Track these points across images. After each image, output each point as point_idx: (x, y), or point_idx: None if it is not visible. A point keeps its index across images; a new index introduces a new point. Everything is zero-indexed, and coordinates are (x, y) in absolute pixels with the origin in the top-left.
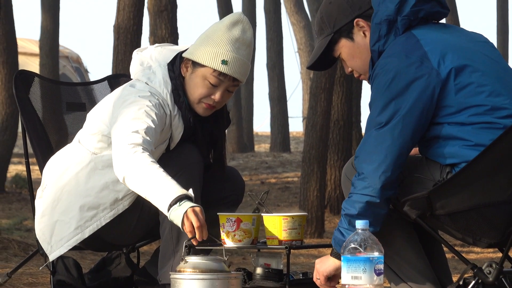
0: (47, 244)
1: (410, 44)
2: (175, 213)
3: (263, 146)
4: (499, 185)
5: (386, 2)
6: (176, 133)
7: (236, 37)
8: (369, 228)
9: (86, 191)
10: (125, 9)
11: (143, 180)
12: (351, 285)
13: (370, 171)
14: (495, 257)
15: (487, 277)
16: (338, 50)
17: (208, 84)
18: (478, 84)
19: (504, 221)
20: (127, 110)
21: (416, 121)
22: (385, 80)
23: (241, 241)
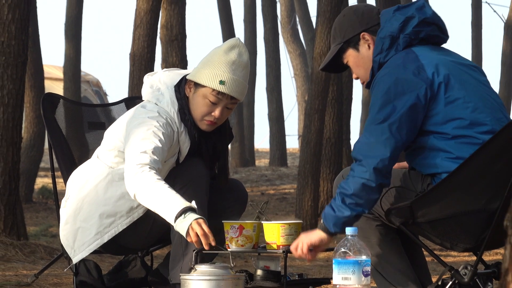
0: (71, 249)
1: (408, 57)
2: (181, 225)
3: (263, 161)
4: (474, 196)
5: (392, 20)
6: (184, 148)
7: (233, 60)
8: (359, 209)
9: (104, 200)
10: (140, 39)
11: (150, 196)
12: (342, 285)
13: (368, 158)
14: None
15: (463, 278)
16: (346, 58)
17: (208, 103)
18: (464, 100)
19: (479, 228)
20: (138, 131)
21: (411, 122)
22: (384, 86)
23: (244, 246)
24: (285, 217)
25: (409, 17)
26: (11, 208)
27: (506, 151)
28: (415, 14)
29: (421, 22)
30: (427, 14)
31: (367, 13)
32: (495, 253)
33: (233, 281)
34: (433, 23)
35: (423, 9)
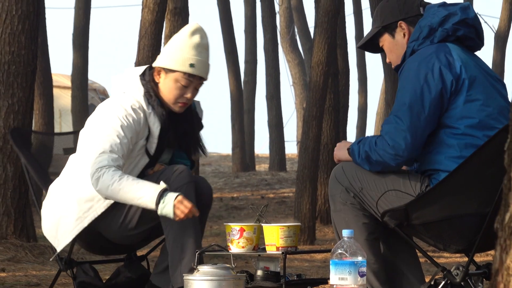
0: (54, 239)
1: (442, 50)
2: (165, 210)
3: (263, 166)
4: (467, 200)
5: (436, 13)
6: (154, 128)
7: (198, 43)
8: (365, 165)
9: (80, 186)
10: (145, 49)
11: (122, 195)
12: (338, 285)
13: (396, 144)
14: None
15: (455, 278)
16: (381, 42)
17: (180, 86)
18: (483, 103)
19: (471, 231)
20: (97, 129)
21: (435, 112)
22: (414, 73)
23: (244, 247)
24: (284, 219)
25: (452, 13)
26: (21, 211)
27: (498, 157)
28: (458, 12)
29: (461, 21)
30: (469, 15)
31: (408, 3)
32: (486, 254)
33: (234, 281)
34: (473, 25)
35: (466, 10)
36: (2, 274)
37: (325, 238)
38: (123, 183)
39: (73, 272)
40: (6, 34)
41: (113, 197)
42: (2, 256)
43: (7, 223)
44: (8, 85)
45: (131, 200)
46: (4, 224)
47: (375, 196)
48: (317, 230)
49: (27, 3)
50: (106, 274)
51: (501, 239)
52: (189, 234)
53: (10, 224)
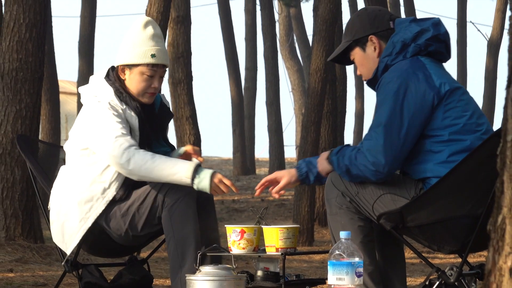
0: (63, 243)
1: (416, 65)
2: (201, 185)
3: (263, 169)
4: (460, 202)
5: (408, 28)
6: (133, 123)
7: (152, 34)
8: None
9: (78, 189)
10: None
11: (156, 173)
12: (336, 285)
13: (376, 160)
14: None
15: (449, 278)
16: (352, 55)
17: (146, 78)
18: (462, 109)
19: (464, 232)
20: (95, 123)
21: (416, 127)
22: (393, 89)
23: (245, 249)
24: (283, 221)
25: (424, 29)
26: (28, 213)
27: (489, 161)
28: (431, 28)
29: (434, 37)
30: (441, 31)
31: (379, 18)
32: (479, 255)
33: (235, 281)
34: (444, 41)
35: (438, 26)
36: (10, 275)
37: (323, 240)
38: (157, 161)
39: (79, 273)
40: (14, 41)
41: (146, 176)
42: (10, 257)
43: (15, 225)
44: (16, 91)
45: (166, 177)
46: (12, 226)
47: (371, 199)
48: (316, 232)
49: (34, 11)
50: (109, 276)
51: (494, 240)
52: (190, 243)
53: (18, 226)
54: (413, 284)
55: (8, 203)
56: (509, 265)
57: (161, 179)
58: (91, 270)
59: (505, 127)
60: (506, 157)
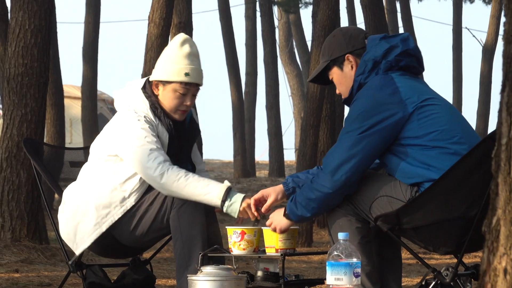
0: (73, 243)
1: (386, 80)
2: (231, 209)
3: (263, 172)
4: (454, 204)
5: (378, 46)
6: (164, 138)
7: (188, 52)
8: (317, 212)
9: (99, 193)
10: (151, 61)
11: (187, 191)
12: (334, 285)
13: (335, 170)
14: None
15: (445, 278)
16: (331, 74)
17: (179, 95)
18: (439, 114)
19: (459, 233)
20: (129, 134)
21: (381, 140)
22: (361, 104)
23: (245, 250)
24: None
25: (393, 46)
26: (33, 215)
27: (483, 163)
28: (399, 44)
29: (403, 52)
30: (409, 46)
31: (354, 37)
32: (474, 256)
33: (235, 281)
34: (414, 55)
35: (407, 41)
36: (16, 275)
37: (321, 241)
38: (190, 179)
39: (83, 273)
40: (20, 47)
41: (176, 192)
42: (16, 257)
43: (21, 226)
44: (22, 96)
45: (196, 196)
46: (17, 227)
47: (368, 202)
48: (314, 233)
49: (39, 18)
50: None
51: (489, 241)
52: (196, 243)
53: (23, 227)
54: (410, 284)
55: (14, 205)
56: (503, 266)
57: (191, 197)
58: (95, 270)
59: (499, 131)
60: (501, 160)
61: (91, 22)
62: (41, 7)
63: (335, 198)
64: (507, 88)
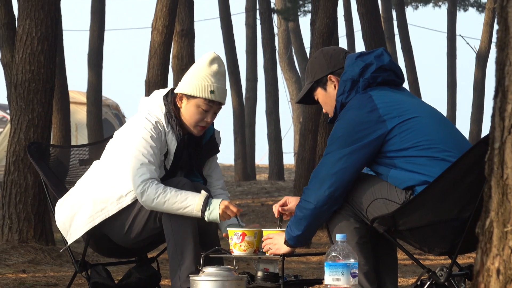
0: (67, 232)
1: (364, 100)
2: (211, 217)
3: (263, 175)
4: (448, 206)
5: (354, 65)
6: (171, 147)
7: (216, 71)
8: (308, 229)
9: (98, 187)
10: (154, 68)
11: (166, 206)
12: (332, 285)
13: (320, 187)
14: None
15: (439, 278)
16: (316, 95)
17: (201, 111)
18: (418, 128)
19: (452, 235)
20: (132, 141)
21: (362, 157)
22: (342, 124)
23: (246, 251)
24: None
25: (368, 64)
26: (40, 217)
27: (476, 166)
28: (374, 61)
29: (378, 68)
30: (384, 62)
31: (334, 57)
32: (467, 256)
33: (236, 281)
34: (390, 69)
35: (381, 57)
36: (23, 275)
37: (320, 242)
38: (167, 195)
39: (88, 274)
40: (27, 54)
41: (158, 209)
42: (23, 258)
43: (28, 228)
44: (29, 101)
45: (176, 210)
46: (24, 229)
47: (365, 204)
48: None
49: (46, 25)
50: (118, 275)
51: (482, 243)
52: (188, 243)
53: (30, 229)
54: (406, 284)
55: (21, 207)
56: (496, 266)
57: (171, 211)
58: (99, 270)
59: (492, 135)
60: (494, 164)
61: (96, 30)
62: (47, 15)
63: (322, 213)
64: (500, 94)
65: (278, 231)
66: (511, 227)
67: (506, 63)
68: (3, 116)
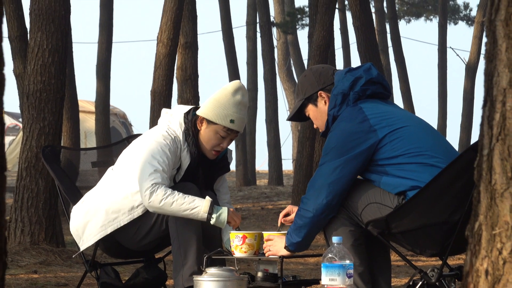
0: (79, 239)
1: (355, 111)
2: (220, 219)
3: (263, 181)
4: (439, 210)
5: (344, 80)
6: (184, 163)
7: (239, 101)
8: (307, 235)
9: (112, 197)
10: (159, 78)
11: (173, 207)
12: (329, 285)
13: (317, 196)
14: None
15: (431, 279)
16: (307, 111)
17: (219, 137)
18: (407, 136)
19: (443, 237)
20: (148, 149)
21: (355, 166)
22: (334, 136)
23: (246, 252)
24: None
25: (358, 78)
26: (51, 220)
27: (465, 172)
28: (363, 75)
29: (367, 82)
30: (372, 75)
31: (324, 74)
32: (457, 258)
33: (237, 281)
34: (378, 82)
35: (369, 71)
36: (34, 276)
37: (317, 244)
38: (176, 197)
39: (97, 273)
40: (38, 65)
41: (164, 210)
42: (35, 259)
43: (39, 230)
44: (40, 110)
45: (183, 211)
46: (36, 232)
47: (359, 208)
48: None
49: (56, 38)
50: (126, 275)
51: (471, 245)
52: (192, 244)
53: (41, 231)
54: (399, 284)
55: (33, 211)
56: (485, 267)
57: (178, 213)
58: (108, 271)
59: (481, 143)
60: (483, 170)
61: (104, 42)
62: (58, 28)
63: (320, 221)
64: (488, 103)
65: (278, 233)
66: (499, 230)
67: (494, 74)
68: (16, 124)
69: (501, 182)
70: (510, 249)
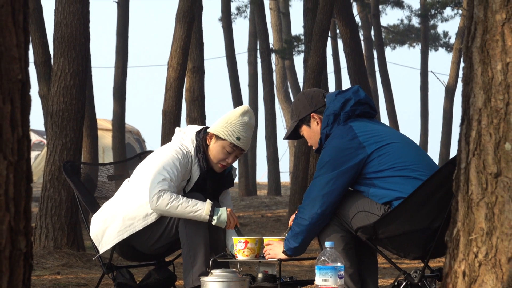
0: (99, 243)
1: (346, 129)
2: (219, 221)
3: (263, 191)
4: (421, 218)
5: (335, 101)
6: (194, 176)
7: (246, 122)
8: (304, 241)
9: (128, 204)
10: (170, 99)
11: (178, 210)
12: (322, 285)
13: (311, 208)
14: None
15: (414, 279)
16: (301, 131)
17: (225, 152)
18: (393, 152)
19: (425, 242)
20: (161, 159)
21: (346, 179)
22: (327, 153)
23: (248, 256)
24: (279, 233)
25: (348, 99)
26: (72, 227)
27: (445, 184)
28: (352, 96)
29: (356, 102)
30: (360, 96)
31: (315, 98)
32: (438, 261)
33: (240, 282)
34: (366, 102)
35: (357, 93)
36: (57, 277)
37: (311, 248)
38: (181, 201)
39: (114, 275)
40: (61, 88)
41: (170, 212)
42: (58, 262)
43: (62, 236)
44: (62, 128)
45: (187, 214)
46: (59, 237)
47: (350, 215)
48: None
49: (77, 63)
50: (139, 276)
51: (450, 249)
52: (200, 248)
53: (64, 237)
54: (385, 284)
55: (56, 219)
56: (462, 269)
57: (183, 215)
58: (123, 272)
59: (459, 157)
60: (460, 181)
61: (120, 67)
62: (78, 54)
63: (315, 228)
64: (466, 122)
65: (277, 239)
66: (475, 236)
67: (471, 95)
68: (41, 140)
69: (477, 192)
70: (485, 253)
